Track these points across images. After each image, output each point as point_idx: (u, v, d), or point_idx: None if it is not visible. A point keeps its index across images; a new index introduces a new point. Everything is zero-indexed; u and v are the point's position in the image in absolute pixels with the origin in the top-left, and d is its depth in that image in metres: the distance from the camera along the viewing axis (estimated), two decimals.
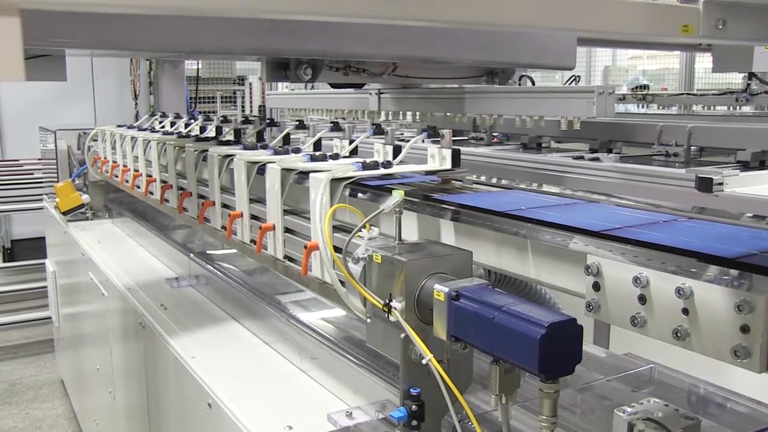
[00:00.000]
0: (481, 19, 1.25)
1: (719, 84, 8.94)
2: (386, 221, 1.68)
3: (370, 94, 3.82)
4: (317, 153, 2.17)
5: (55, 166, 5.00)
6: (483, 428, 1.35)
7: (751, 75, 5.63)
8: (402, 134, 5.07)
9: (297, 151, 2.30)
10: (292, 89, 6.70)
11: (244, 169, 2.19)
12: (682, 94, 7.25)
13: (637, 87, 11.08)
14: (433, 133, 2.08)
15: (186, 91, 7.87)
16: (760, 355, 1.06)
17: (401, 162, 2.04)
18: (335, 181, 1.78)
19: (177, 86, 7.40)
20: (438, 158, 1.99)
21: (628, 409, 1.28)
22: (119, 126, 3.94)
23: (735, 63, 3.51)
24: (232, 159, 2.29)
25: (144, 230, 3.76)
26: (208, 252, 3.04)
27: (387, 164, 1.99)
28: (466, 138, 4.17)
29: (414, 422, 1.40)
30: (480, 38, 2.93)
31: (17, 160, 7.22)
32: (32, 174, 6.90)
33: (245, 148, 2.45)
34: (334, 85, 4.20)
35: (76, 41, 2.37)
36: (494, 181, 3.01)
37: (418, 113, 3.61)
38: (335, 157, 2.16)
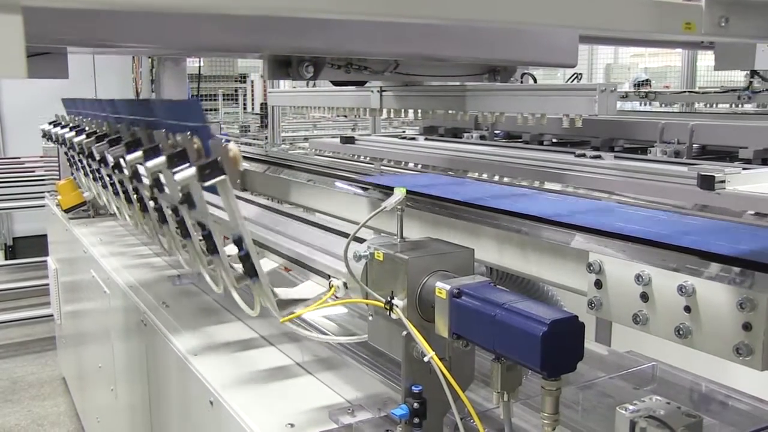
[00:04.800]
0: (483, 16, 1.25)
1: (722, 82, 8.92)
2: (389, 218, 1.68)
3: (372, 91, 3.82)
4: None
5: (57, 164, 5.00)
6: (485, 426, 1.35)
7: (754, 73, 5.63)
8: (404, 132, 5.07)
9: None
10: (294, 87, 6.69)
11: None
12: (685, 92, 7.23)
13: (639, 83, 11.09)
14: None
15: (188, 89, 7.86)
16: (762, 353, 1.06)
17: None
18: None
19: (179, 84, 7.36)
20: None
21: (630, 407, 1.28)
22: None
23: (737, 61, 3.48)
24: None
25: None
26: None
27: None
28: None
29: (416, 420, 1.40)
30: (482, 36, 2.93)
31: (19, 158, 7.22)
32: (34, 171, 6.90)
33: None
34: (336, 83, 4.19)
35: (77, 39, 2.37)
36: (496, 178, 3.01)
37: (419, 111, 3.61)
38: None
